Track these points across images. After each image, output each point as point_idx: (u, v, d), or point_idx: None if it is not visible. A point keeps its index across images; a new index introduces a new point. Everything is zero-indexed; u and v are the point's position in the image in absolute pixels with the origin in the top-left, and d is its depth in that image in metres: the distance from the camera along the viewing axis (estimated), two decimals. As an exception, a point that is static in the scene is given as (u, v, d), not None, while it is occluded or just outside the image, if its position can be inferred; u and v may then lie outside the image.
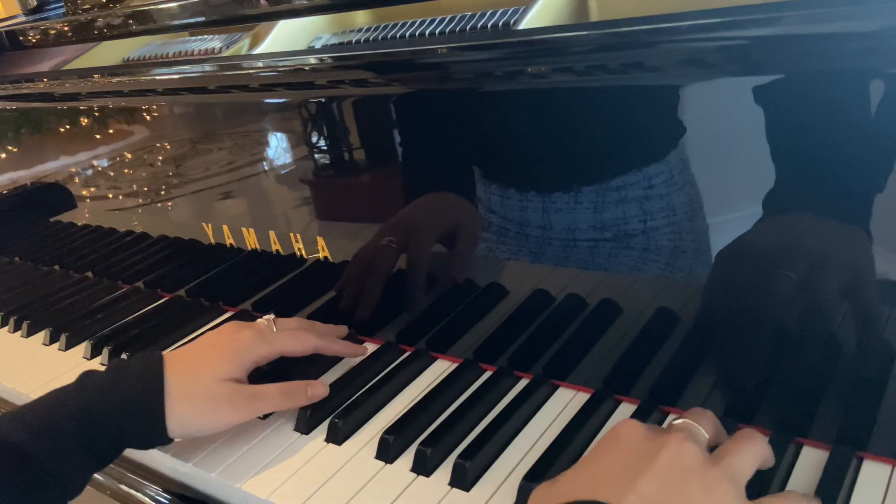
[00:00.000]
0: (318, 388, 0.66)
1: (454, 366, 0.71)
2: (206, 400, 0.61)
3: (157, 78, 0.81)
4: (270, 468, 0.61)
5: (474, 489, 0.56)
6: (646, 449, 0.44)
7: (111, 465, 0.70)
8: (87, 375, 0.61)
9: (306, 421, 0.66)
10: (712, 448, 0.47)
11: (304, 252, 0.80)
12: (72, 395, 0.59)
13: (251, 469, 0.62)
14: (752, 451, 0.46)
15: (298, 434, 0.66)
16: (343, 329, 0.77)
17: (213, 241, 0.89)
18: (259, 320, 0.70)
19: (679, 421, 0.48)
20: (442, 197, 0.68)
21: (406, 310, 0.74)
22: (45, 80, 0.95)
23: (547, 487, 0.47)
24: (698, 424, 0.47)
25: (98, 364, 0.85)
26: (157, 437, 0.60)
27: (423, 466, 0.58)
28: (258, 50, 0.73)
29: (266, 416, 0.68)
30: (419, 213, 0.69)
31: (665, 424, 0.59)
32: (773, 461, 0.49)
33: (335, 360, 0.75)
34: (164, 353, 0.64)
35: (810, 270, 0.49)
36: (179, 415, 0.60)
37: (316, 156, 0.75)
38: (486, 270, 0.67)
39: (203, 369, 0.62)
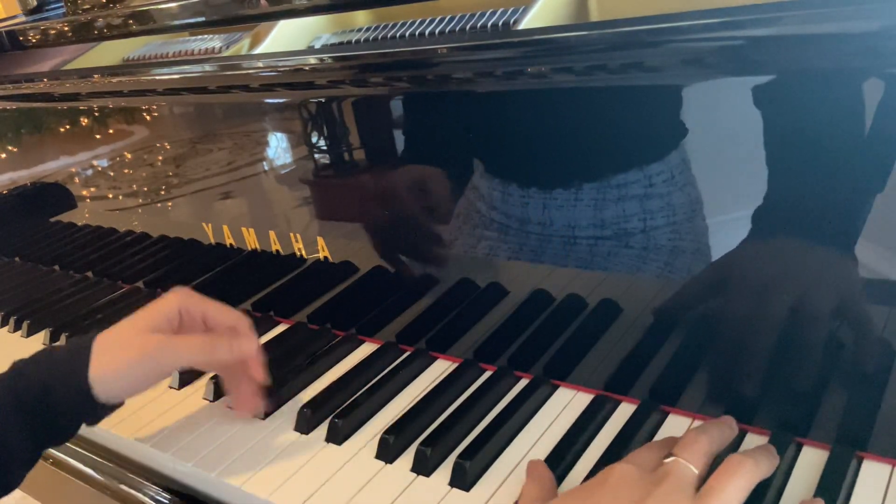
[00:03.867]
0: (244, 343, 0.63)
1: (454, 366, 0.71)
2: (124, 351, 0.60)
3: (158, 78, 0.81)
4: (270, 468, 0.62)
5: (474, 489, 0.56)
6: (633, 495, 0.45)
7: (111, 465, 0.70)
8: (16, 362, 0.61)
9: (306, 421, 0.66)
10: (716, 458, 0.48)
11: (304, 252, 0.80)
12: (7, 371, 0.59)
13: (251, 469, 0.62)
14: (737, 485, 0.46)
15: (298, 434, 0.66)
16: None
17: (213, 241, 0.89)
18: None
19: (670, 460, 0.48)
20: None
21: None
22: (45, 80, 0.95)
23: None
24: (688, 461, 0.47)
25: (98, 364, 0.84)
26: (84, 398, 0.58)
27: (423, 466, 0.58)
28: (258, 50, 0.73)
29: (266, 417, 0.68)
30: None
31: (661, 437, 0.59)
32: (772, 468, 0.49)
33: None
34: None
35: (811, 271, 0.49)
36: (100, 371, 0.58)
37: (316, 156, 0.75)
38: (486, 270, 0.67)
39: (125, 325, 0.62)
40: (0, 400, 0.57)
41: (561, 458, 0.56)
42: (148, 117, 0.89)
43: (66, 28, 0.99)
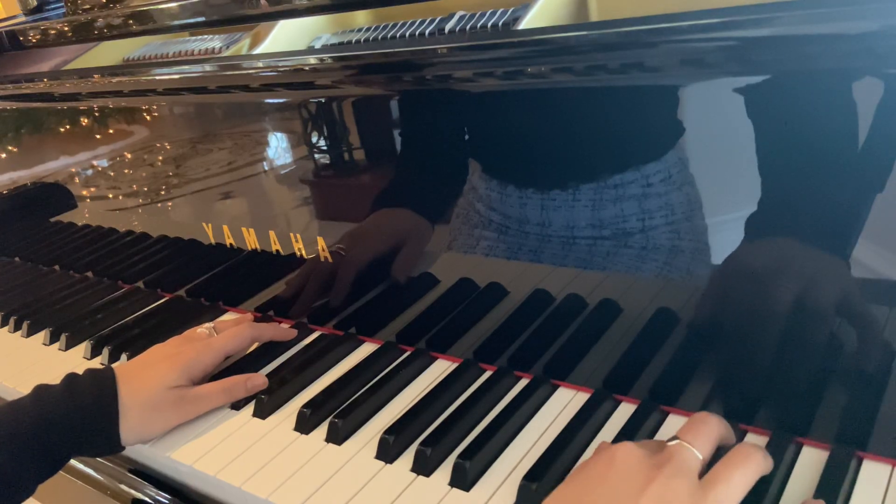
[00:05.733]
0: (256, 381, 0.71)
1: (454, 366, 0.71)
2: (155, 409, 0.66)
3: (158, 78, 0.81)
4: (270, 468, 0.62)
5: (474, 489, 0.56)
6: (636, 481, 0.44)
7: (111, 465, 0.70)
8: (42, 389, 0.64)
9: (306, 421, 0.66)
10: (717, 452, 0.48)
11: (304, 252, 0.80)
12: (30, 407, 0.62)
13: (251, 469, 0.62)
14: (743, 475, 0.46)
15: (298, 434, 0.66)
16: (288, 332, 0.81)
17: (213, 241, 0.89)
18: (200, 329, 0.75)
19: (674, 443, 0.47)
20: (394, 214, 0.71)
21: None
22: (45, 80, 0.95)
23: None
24: (693, 445, 0.47)
25: (98, 364, 0.85)
26: (111, 446, 0.65)
27: (423, 466, 0.58)
28: (258, 50, 0.73)
29: (266, 416, 0.68)
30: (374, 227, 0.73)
31: (662, 436, 0.59)
32: (771, 466, 0.48)
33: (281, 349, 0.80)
34: (115, 367, 0.68)
35: (808, 270, 0.49)
36: (132, 425, 0.64)
37: (316, 156, 0.75)
38: (486, 270, 0.67)
39: (153, 381, 0.66)
40: (26, 449, 0.60)
41: (560, 458, 0.56)
42: (148, 117, 0.89)
43: (66, 28, 0.99)
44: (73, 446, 0.62)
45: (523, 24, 0.54)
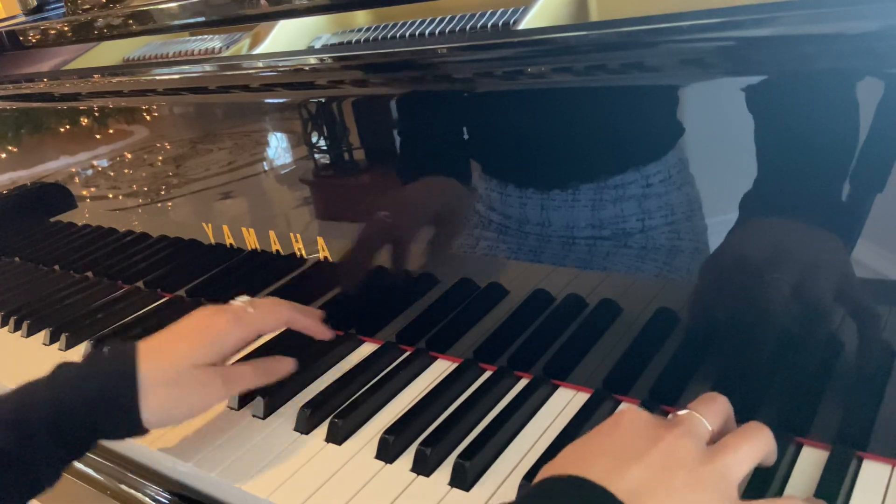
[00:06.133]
0: (288, 365, 0.68)
1: (454, 366, 0.71)
2: (182, 389, 0.60)
3: (158, 78, 0.81)
4: (270, 468, 0.62)
5: (474, 489, 0.56)
6: (643, 438, 0.44)
7: (112, 465, 0.70)
8: (61, 368, 0.60)
9: (306, 421, 0.66)
10: (720, 435, 0.48)
11: (304, 252, 0.80)
12: (43, 388, 0.58)
13: (251, 469, 0.62)
14: (751, 448, 0.45)
15: (298, 434, 0.66)
16: (319, 312, 0.74)
17: (213, 241, 0.89)
18: (234, 302, 0.68)
19: (683, 412, 0.47)
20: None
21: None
22: (45, 80, 0.95)
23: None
24: (703, 416, 0.47)
25: (98, 364, 0.84)
26: (132, 428, 0.59)
27: (423, 466, 0.58)
28: (258, 50, 0.73)
29: (266, 416, 0.68)
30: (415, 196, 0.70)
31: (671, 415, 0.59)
32: (775, 457, 0.48)
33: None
34: (139, 342, 0.62)
35: (809, 270, 0.49)
36: (155, 406, 0.59)
37: (316, 156, 0.75)
38: (486, 270, 0.67)
39: (178, 357, 0.61)
40: (38, 434, 0.55)
41: (561, 458, 0.56)
42: (148, 117, 0.89)
43: (66, 28, 0.99)
44: (90, 430, 0.58)
45: (523, 24, 0.54)
